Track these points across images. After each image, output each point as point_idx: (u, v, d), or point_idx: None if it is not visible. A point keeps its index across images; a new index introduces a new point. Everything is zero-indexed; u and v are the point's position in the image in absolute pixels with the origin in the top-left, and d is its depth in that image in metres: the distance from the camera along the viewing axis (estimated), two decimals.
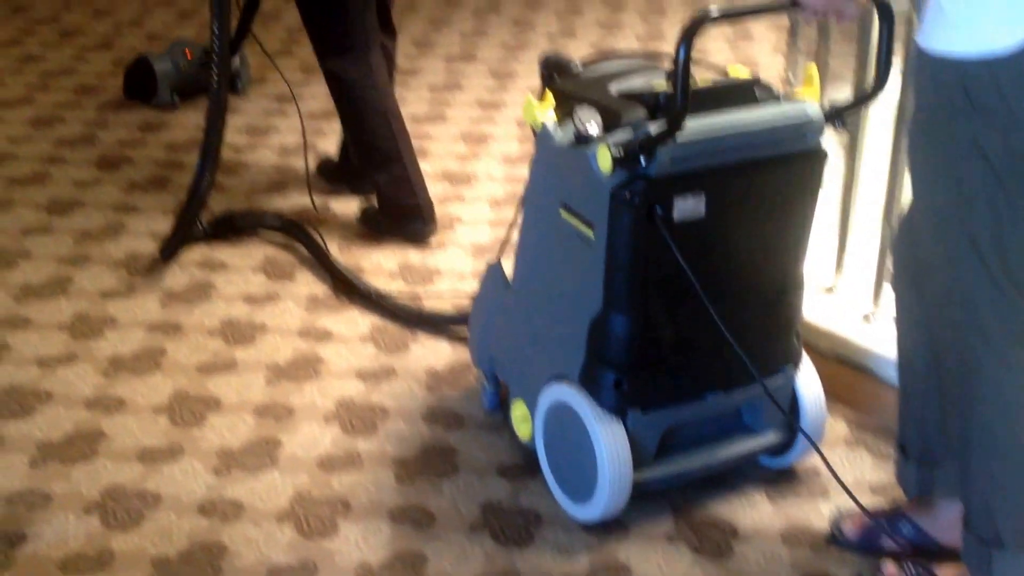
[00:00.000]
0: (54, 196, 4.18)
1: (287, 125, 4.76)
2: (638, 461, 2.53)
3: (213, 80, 3.55)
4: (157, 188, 4.25)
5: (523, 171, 4.03)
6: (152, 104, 4.91)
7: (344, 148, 4.10)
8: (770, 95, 2.50)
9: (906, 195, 2.67)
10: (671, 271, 2.38)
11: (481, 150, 4.56)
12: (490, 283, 2.90)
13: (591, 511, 2.58)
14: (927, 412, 2.39)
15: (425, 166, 4.09)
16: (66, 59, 5.54)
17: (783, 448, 2.74)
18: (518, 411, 2.80)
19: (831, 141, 2.60)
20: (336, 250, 3.76)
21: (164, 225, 3.87)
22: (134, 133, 4.72)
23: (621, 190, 2.33)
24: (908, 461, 2.46)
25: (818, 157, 2.50)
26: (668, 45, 5.40)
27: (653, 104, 2.41)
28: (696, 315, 2.44)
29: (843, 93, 2.94)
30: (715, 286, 2.43)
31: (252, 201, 4.12)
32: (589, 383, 2.53)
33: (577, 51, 5.33)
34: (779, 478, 2.79)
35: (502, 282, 2.83)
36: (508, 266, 2.80)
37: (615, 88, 2.52)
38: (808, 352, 2.76)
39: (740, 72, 2.62)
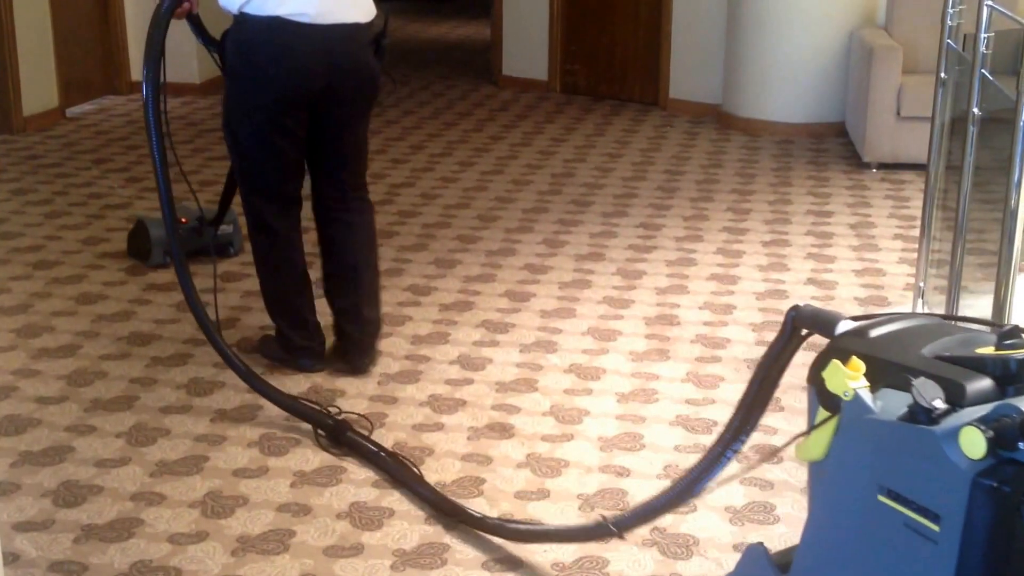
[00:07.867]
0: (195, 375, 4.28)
1: None
2: None
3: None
4: (291, 371, 4.27)
5: (651, 367, 4.31)
6: (147, 264, 5.26)
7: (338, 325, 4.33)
8: None
9: None
10: None
11: (609, 346, 4.57)
12: (751, 571, 2.50)
13: None
14: None
15: (554, 359, 4.40)
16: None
17: None
18: None
19: None
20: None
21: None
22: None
23: (986, 478, 1.97)
24: None
25: None
26: (794, 247, 5.63)
27: (1002, 373, 2.09)
28: None
29: None
30: None
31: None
32: None
33: (705, 255, 5.52)
34: None
35: (769, 571, 2.42)
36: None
37: (928, 352, 2.20)
38: None
39: None
